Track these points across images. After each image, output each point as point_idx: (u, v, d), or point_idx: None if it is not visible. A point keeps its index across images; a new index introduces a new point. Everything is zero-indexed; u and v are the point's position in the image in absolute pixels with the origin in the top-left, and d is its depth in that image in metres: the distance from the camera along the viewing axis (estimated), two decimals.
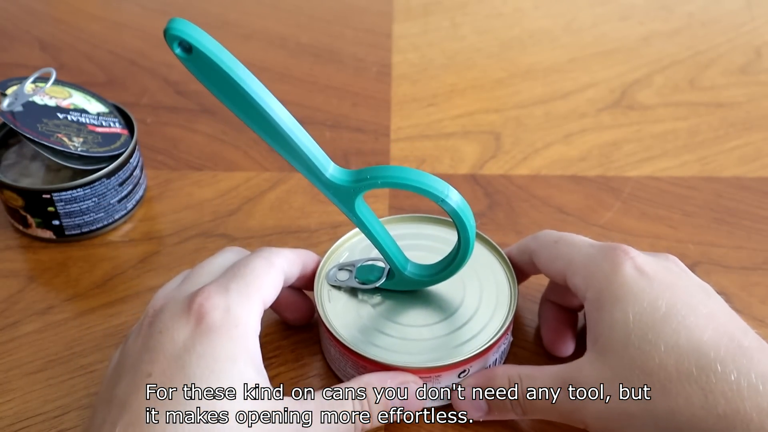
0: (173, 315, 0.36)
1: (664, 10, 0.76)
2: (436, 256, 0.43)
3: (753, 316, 0.47)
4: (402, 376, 0.39)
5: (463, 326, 0.41)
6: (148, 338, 0.36)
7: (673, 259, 0.40)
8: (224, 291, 0.37)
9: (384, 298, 0.43)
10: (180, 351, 0.35)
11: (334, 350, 0.42)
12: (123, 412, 0.34)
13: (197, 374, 0.34)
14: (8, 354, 0.45)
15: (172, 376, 0.34)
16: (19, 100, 0.51)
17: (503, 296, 0.43)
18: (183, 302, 0.37)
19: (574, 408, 0.37)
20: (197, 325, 0.36)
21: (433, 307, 0.43)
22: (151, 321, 0.37)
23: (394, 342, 0.41)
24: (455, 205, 0.38)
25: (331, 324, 0.41)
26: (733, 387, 0.33)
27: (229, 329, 0.36)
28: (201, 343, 0.35)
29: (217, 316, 0.36)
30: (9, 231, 0.53)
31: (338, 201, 0.39)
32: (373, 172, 0.37)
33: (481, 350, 0.40)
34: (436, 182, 0.37)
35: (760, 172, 0.57)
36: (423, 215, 0.47)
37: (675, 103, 0.64)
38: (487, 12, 0.76)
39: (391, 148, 0.60)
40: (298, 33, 0.73)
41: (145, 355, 0.36)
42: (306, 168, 0.37)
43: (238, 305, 0.37)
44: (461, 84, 0.67)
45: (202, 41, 0.32)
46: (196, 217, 0.54)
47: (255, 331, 0.37)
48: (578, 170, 0.58)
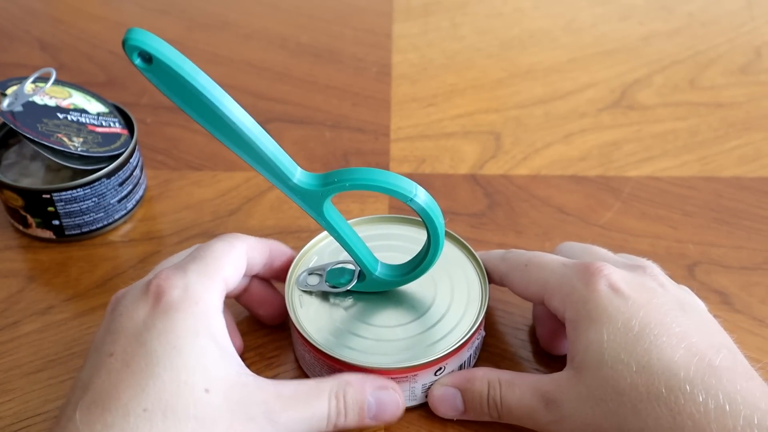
0: (133, 298, 0.37)
1: (664, 10, 0.76)
2: (406, 256, 0.44)
3: (753, 316, 0.47)
4: (381, 380, 0.39)
5: (437, 324, 0.42)
6: (110, 322, 0.37)
7: (650, 271, 0.40)
8: (182, 271, 0.38)
9: (356, 301, 0.43)
10: (140, 329, 0.35)
11: (308, 355, 0.42)
12: (86, 391, 0.34)
13: (158, 350, 0.34)
14: (8, 354, 0.45)
15: (134, 353, 0.34)
16: (19, 100, 0.51)
17: (474, 292, 0.43)
18: (142, 286, 0.37)
19: (550, 420, 0.37)
20: (155, 305, 0.36)
21: (405, 307, 0.43)
22: (112, 307, 0.38)
23: (369, 344, 0.41)
24: (424, 204, 0.38)
25: (304, 329, 0.41)
26: (700, 408, 0.33)
27: (188, 306, 0.36)
28: (161, 320, 0.35)
29: (176, 294, 0.36)
30: (9, 231, 0.53)
31: (306, 206, 0.39)
32: (341, 175, 0.37)
33: (456, 347, 0.40)
34: (403, 182, 0.38)
35: (760, 172, 0.57)
36: (391, 216, 0.48)
37: (675, 103, 0.64)
38: (487, 12, 0.76)
39: (391, 148, 0.60)
40: (298, 33, 0.73)
41: (107, 337, 0.36)
42: (272, 174, 0.37)
43: (196, 283, 0.37)
44: (461, 84, 0.67)
45: (162, 51, 0.32)
46: (196, 217, 0.54)
47: (217, 308, 0.37)
48: (578, 170, 0.58)
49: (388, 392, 0.39)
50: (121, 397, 0.33)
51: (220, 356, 0.35)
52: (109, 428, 0.32)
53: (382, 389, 0.39)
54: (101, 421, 0.32)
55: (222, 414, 0.34)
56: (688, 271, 0.50)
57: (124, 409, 0.33)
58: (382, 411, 0.39)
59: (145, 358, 0.34)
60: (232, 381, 0.35)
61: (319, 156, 0.59)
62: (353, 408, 0.38)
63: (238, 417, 0.34)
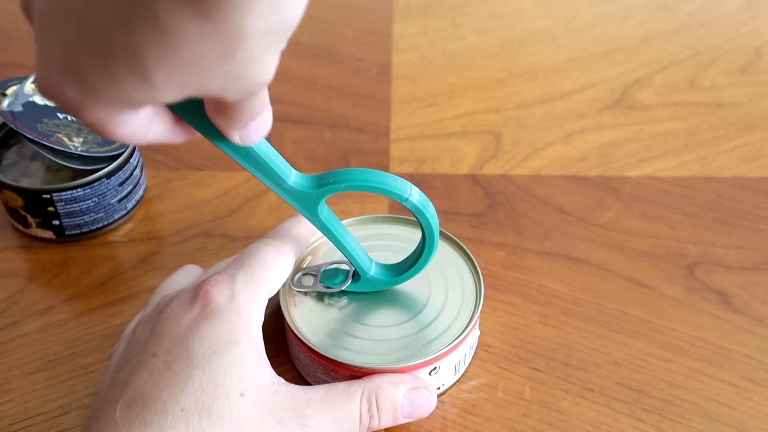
0: (181, 302, 0.38)
1: (664, 10, 0.76)
2: (399, 255, 0.44)
3: (753, 316, 0.47)
4: (413, 380, 0.40)
5: (431, 324, 0.42)
6: (156, 324, 0.38)
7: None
8: (230, 279, 0.38)
9: (350, 301, 0.43)
10: (184, 332, 0.36)
11: (303, 356, 0.42)
12: (126, 389, 0.35)
13: (199, 354, 0.35)
14: (8, 354, 0.45)
15: (176, 355, 0.36)
16: (19, 100, 0.51)
17: (469, 291, 0.43)
18: (191, 290, 0.38)
19: None
20: (202, 309, 0.37)
21: (400, 307, 0.43)
22: (161, 309, 0.38)
23: (364, 344, 0.41)
24: (418, 204, 0.38)
25: (299, 330, 0.41)
26: None
27: (231, 315, 0.37)
28: (204, 326, 0.36)
29: (221, 301, 0.37)
30: (9, 231, 0.53)
31: (301, 207, 0.39)
32: (335, 176, 0.38)
33: (450, 347, 0.40)
34: (397, 182, 0.38)
35: (760, 172, 0.57)
36: (387, 215, 0.48)
37: (675, 103, 0.64)
38: (487, 12, 0.76)
39: (391, 148, 0.60)
40: (298, 33, 0.73)
41: (151, 338, 0.37)
42: (267, 176, 0.37)
43: (242, 294, 0.38)
44: (461, 84, 0.67)
45: None
46: (196, 217, 0.54)
47: (258, 321, 0.38)
48: (578, 170, 0.58)
49: (420, 392, 0.39)
50: (161, 396, 0.34)
51: (256, 364, 0.37)
52: (148, 425, 0.33)
53: (415, 390, 0.39)
54: (140, 419, 0.34)
55: (254, 418, 0.35)
56: (688, 271, 0.50)
57: (163, 407, 0.34)
58: (415, 410, 0.39)
59: (186, 361, 0.35)
60: (265, 388, 0.36)
61: (319, 156, 0.59)
62: (386, 410, 0.38)
63: (269, 420, 0.35)
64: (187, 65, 0.26)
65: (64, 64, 0.27)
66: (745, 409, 0.42)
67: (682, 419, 0.42)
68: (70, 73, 0.27)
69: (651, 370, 0.44)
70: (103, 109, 0.28)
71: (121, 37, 0.25)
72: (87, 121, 0.28)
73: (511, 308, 0.47)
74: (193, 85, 0.27)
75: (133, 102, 0.28)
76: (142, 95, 0.27)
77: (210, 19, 0.24)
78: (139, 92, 0.27)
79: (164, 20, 0.24)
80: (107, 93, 0.27)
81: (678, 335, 0.46)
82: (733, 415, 0.42)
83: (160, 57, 0.25)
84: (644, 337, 0.46)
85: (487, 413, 0.42)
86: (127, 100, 0.27)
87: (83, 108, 0.28)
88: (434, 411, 0.41)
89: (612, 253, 0.51)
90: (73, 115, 0.28)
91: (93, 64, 0.26)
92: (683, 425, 0.42)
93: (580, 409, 0.42)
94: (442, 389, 0.43)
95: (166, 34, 0.25)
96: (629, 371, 0.44)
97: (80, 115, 0.28)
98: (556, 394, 0.43)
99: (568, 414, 0.42)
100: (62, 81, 0.27)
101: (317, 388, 0.38)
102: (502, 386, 0.44)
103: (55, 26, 0.26)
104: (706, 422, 0.42)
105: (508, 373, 0.44)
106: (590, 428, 0.41)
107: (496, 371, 0.44)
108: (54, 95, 0.28)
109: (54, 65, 0.27)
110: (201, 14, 0.24)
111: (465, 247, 0.45)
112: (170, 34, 0.25)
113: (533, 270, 0.50)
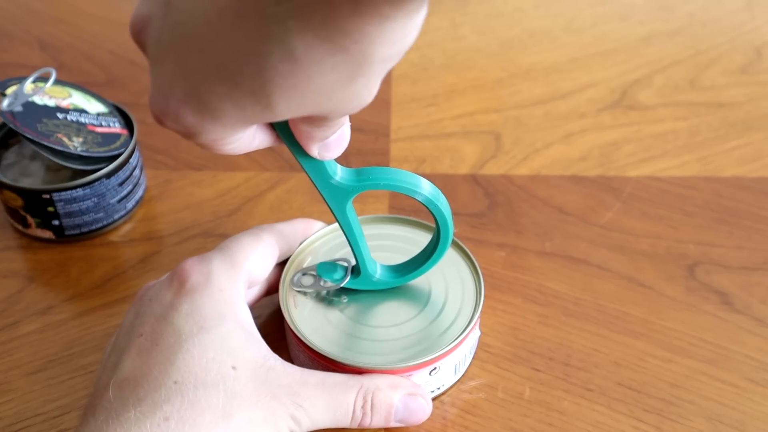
0: (161, 285, 0.39)
1: (664, 10, 0.76)
2: (398, 255, 0.44)
3: (753, 316, 0.47)
4: (411, 386, 0.39)
5: (431, 324, 0.42)
6: (138, 307, 0.39)
7: None
8: (207, 260, 0.39)
9: (351, 301, 0.43)
10: (166, 309, 0.37)
11: (303, 356, 0.42)
12: (116, 371, 0.35)
13: (186, 329, 0.36)
14: (8, 354, 0.45)
15: (162, 332, 0.36)
16: (19, 100, 0.51)
17: (469, 291, 0.43)
18: (169, 273, 0.39)
19: None
20: (180, 288, 0.38)
21: (400, 307, 0.43)
22: (142, 294, 0.39)
23: (364, 344, 0.41)
24: (443, 209, 0.40)
25: (299, 330, 0.41)
26: None
27: (212, 292, 0.37)
28: (186, 302, 0.37)
29: (200, 279, 0.38)
30: (9, 231, 0.53)
31: (332, 199, 0.39)
32: (375, 174, 0.38)
33: (451, 347, 0.40)
34: (432, 188, 0.39)
35: (760, 172, 0.57)
36: (387, 216, 0.48)
37: (675, 103, 0.64)
38: (487, 12, 0.76)
39: (391, 148, 0.60)
40: None
41: (136, 321, 0.38)
42: (317, 172, 0.37)
43: (220, 273, 0.39)
44: (461, 84, 0.67)
45: None
46: (196, 217, 0.54)
47: (241, 300, 0.39)
48: (578, 170, 0.58)
49: (416, 399, 0.39)
50: (152, 372, 0.34)
51: (245, 340, 0.37)
52: (142, 401, 0.33)
53: (411, 396, 0.39)
54: (134, 396, 0.34)
55: (249, 391, 0.35)
56: (688, 271, 0.50)
57: (155, 382, 0.34)
58: (408, 416, 0.39)
59: (174, 336, 0.36)
60: (259, 363, 0.36)
61: None
62: (380, 411, 0.38)
63: (263, 394, 0.35)
64: (311, 93, 0.27)
65: (185, 90, 0.28)
66: (746, 410, 0.42)
67: (682, 419, 0.42)
68: (191, 99, 0.28)
69: (651, 370, 0.44)
70: (219, 131, 0.29)
71: (252, 68, 0.26)
72: (201, 142, 0.30)
73: (511, 308, 0.47)
74: (309, 110, 0.28)
75: (249, 123, 0.29)
76: (260, 118, 0.28)
77: (345, 51, 0.25)
78: (258, 116, 0.28)
79: (299, 54, 0.25)
80: (227, 117, 0.28)
81: (678, 335, 0.46)
82: (733, 415, 0.42)
83: (289, 88, 0.26)
84: (644, 338, 0.46)
85: (487, 413, 0.42)
86: (243, 122, 0.29)
87: (201, 130, 0.29)
88: (434, 411, 0.41)
89: (612, 253, 0.51)
90: (187, 138, 0.30)
91: (216, 92, 0.27)
92: (683, 425, 0.42)
93: (580, 410, 0.42)
94: (442, 389, 0.42)
95: (298, 67, 0.25)
96: (629, 371, 0.44)
97: (196, 137, 0.30)
98: (556, 395, 0.43)
99: (568, 414, 0.42)
100: (182, 106, 0.28)
101: (315, 373, 0.38)
102: (502, 386, 0.44)
103: (175, 55, 0.27)
104: (706, 422, 0.42)
105: (508, 374, 0.44)
106: (590, 428, 0.41)
107: (496, 371, 0.44)
108: (172, 120, 0.29)
109: (174, 92, 0.28)
110: (337, 48, 0.25)
111: (465, 247, 0.45)
112: (303, 67, 0.25)
113: (533, 270, 0.50)
